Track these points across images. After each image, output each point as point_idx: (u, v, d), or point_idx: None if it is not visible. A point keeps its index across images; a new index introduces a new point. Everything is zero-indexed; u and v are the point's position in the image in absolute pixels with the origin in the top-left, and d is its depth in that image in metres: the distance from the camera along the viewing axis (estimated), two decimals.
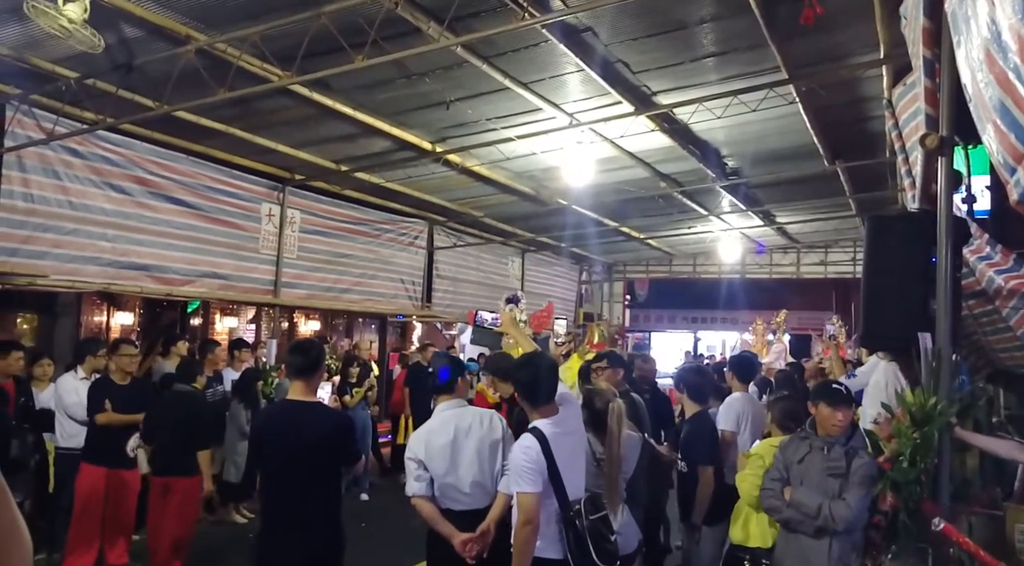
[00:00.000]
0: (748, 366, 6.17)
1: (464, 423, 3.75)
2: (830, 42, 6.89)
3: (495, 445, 3.75)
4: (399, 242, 13.35)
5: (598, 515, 3.48)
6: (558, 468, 3.36)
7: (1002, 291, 5.55)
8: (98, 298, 10.39)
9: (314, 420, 3.80)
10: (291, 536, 3.71)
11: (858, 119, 8.99)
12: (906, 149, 6.53)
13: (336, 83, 7.31)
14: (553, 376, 3.58)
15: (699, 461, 4.55)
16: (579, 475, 3.55)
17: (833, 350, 6.91)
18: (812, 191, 12.21)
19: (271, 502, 3.97)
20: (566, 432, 3.49)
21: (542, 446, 3.33)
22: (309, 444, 3.72)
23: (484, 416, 3.86)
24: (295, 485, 3.74)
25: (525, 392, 3.54)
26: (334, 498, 3.90)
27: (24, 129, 7.33)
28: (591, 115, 8.36)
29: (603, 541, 3.45)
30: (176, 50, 6.12)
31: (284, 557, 3.71)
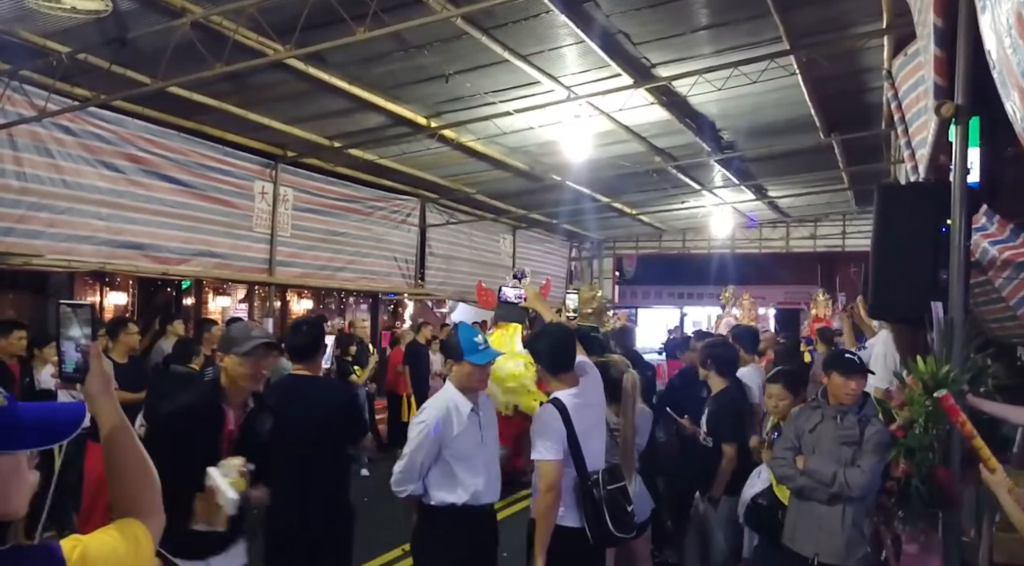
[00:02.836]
0: (753, 337, 6.23)
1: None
2: (833, 11, 6.87)
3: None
4: (392, 220, 13.28)
5: (616, 485, 3.54)
6: (577, 438, 3.44)
7: (996, 262, 5.61)
8: (91, 278, 10.29)
9: (322, 395, 3.85)
10: (299, 510, 3.70)
11: (855, 90, 9.00)
12: (906, 120, 6.53)
13: (332, 57, 7.21)
14: (571, 346, 3.65)
15: (725, 438, 4.58)
16: (599, 445, 3.61)
17: (845, 322, 6.93)
18: (805, 164, 12.24)
19: (280, 477, 3.98)
20: (586, 403, 3.55)
21: (562, 415, 3.41)
22: (317, 418, 3.73)
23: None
24: (303, 460, 3.74)
25: (545, 361, 3.63)
26: (342, 472, 3.97)
27: (15, 106, 7.17)
28: (589, 88, 8.30)
29: (620, 511, 3.51)
30: (171, 23, 6.00)
31: (293, 531, 3.72)
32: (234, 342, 3.01)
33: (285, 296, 13.84)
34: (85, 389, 1.63)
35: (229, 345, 3.02)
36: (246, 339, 3.00)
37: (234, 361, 2.99)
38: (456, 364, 3.48)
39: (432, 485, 3.41)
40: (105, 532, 1.41)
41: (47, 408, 1.47)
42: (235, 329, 3.14)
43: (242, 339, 3.00)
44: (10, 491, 1.31)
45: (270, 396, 4.38)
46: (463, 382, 3.48)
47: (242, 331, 3.09)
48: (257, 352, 3.00)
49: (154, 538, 1.50)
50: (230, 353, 2.99)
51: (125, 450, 1.58)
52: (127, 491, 1.56)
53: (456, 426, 3.39)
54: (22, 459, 1.34)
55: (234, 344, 3.00)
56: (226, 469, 2.78)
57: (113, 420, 1.59)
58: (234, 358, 2.99)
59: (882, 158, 11.37)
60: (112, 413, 1.61)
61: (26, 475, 1.34)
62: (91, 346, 1.68)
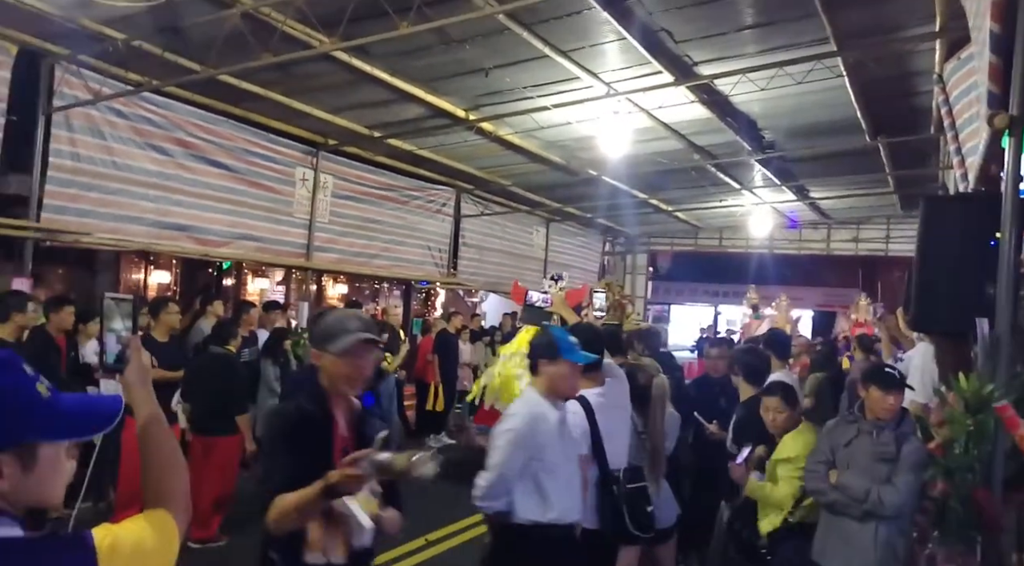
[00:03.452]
0: (784, 344, 6.13)
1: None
2: (883, 13, 6.73)
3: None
4: (427, 209, 13.35)
5: (636, 485, 3.62)
6: (600, 436, 3.50)
7: None
8: (137, 257, 10.52)
9: None
10: None
11: (904, 93, 8.80)
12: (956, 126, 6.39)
13: (375, 49, 7.26)
14: (600, 346, 3.70)
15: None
16: (621, 445, 3.66)
17: (883, 332, 6.81)
18: (849, 166, 12.01)
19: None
20: (611, 404, 3.60)
21: (587, 413, 3.46)
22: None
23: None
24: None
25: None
26: None
27: (72, 89, 7.40)
28: (629, 85, 8.25)
29: (639, 510, 3.59)
30: (222, 13, 6.11)
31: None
32: (328, 338, 2.49)
33: (321, 281, 14.01)
34: (124, 379, 1.68)
35: (323, 341, 2.51)
36: (342, 333, 2.47)
37: (331, 360, 2.48)
38: (549, 364, 3.24)
39: (518, 501, 3.13)
40: (134, 522, 1.45)
41: (87, 400, 1.51)
42: (329, 322, 2.58)
43: (337, 334, 2.48)
44: (50, 480, 1.35)
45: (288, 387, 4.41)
46: (554, 385, 3.24)
47: (337, 324, 2.53)
48: (355, 349, 2.47)
49: (181, 530, 1.54)
50: (325, 351, 2.50)
51: (158, 441, 1.63)
52: (158, 481, 1.60)
53: (545, 435, 3.16)
54: (62, 449, 1.38)
55: (328, 340, 2.49)
56: None
57: (148, 410, 1.65)
58: (330, 356, 2.48)
59: (930, 163, 11.14)
60: (148, 404, 1.66)
61: (64, 464, 1.39)
62: (132, 339, 1.73)
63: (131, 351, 1.71)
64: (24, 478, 1.30)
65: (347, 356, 2.47)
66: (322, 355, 2.51)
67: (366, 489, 2.28)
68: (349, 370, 2.49)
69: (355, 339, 2.46)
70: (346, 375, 2.49)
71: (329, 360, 2.49)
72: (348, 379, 2.50)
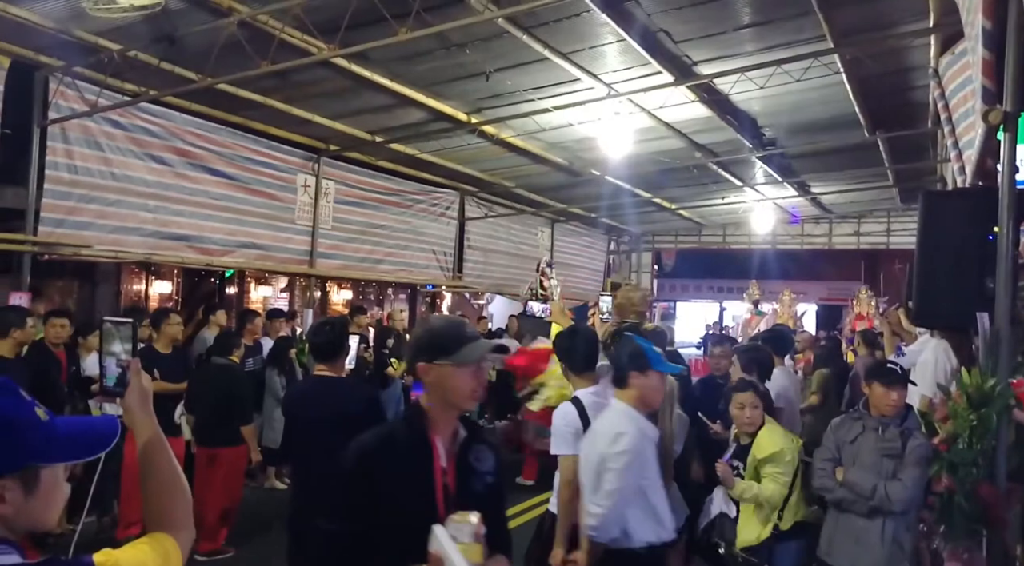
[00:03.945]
0: (783, 340, 6.11)
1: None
2: (877, 10, 6.74)
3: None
4: (431, 213, 13.35)
5: None
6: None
7: None
8: (137, 267, 10.53)
9: (340, 396, 3.79)
10: (316, 511, 3.73)
11: (901, 88, 8.81)
12: (952, 120, 6.38)
13: (374, 54, 7.27)
14: (593, 347, 3.78)
15: None
16: None
17: (885, 327, 6.78)
18: (849, 161, 12.03)
19: (299, 476, 4.06)
20: (605, 403, 3.56)
21: (579, 412, 3.51)
22: (334, 420, 3.69)
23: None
24: (321, 460, 3.71)
25: (566, 358, 3.80)
26: None
27: (67, 101, 7.40)
28: (630, 85, 8.26)
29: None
30: (218, 22, 6.12)
31: (310, 531, 3.74)
32: (445, 347, 2.11)
33: (325, 287, 14.02)
34: (124, 403, 1.69)
35: (437, 351, 2.12)
36: (461, 341, 2.12)
37: (450, 372, 2.10)
38: (640, 375, 3.13)
39: (634, 525, 3.03)
40: (135, 547, 1.45)
41: (84, 422, 1.52)
42: (441, 329, 2.20)
43: (455, 341, 2.12)
44: (51, 502, 1.36)
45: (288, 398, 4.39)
46: (645, 397, 3.15)
47: (453, 330, 2.18)
48: (481, 360, 2.15)
49: (183, 552, 1.54)
50: (437, 360, 2.11)
51: (159, 464, 1.63)
52: (159, 504, 1.60)
53: (649, 452, 3.07)
54: (60, 472, 1.39)
55: (443, 348, 2.11)
56: (456, 528, 1.89)
57: (148, 434, 1.65)
58: (445, 367, 2.10)
59: (928, 156, 11.15)
60: (148, 427, 1.66)
61: (63, 486, 1.40)
62: (132, 362, 1.74)
63: (131, 374, 1.71)
64: (26, 502, 1.30)
65: (471, 367, 2.13)
66: (432, 368, 2.12)
67: (469, 533, 1.91)
68: (473, 384, 2.13)
69: (484, 348, 2.17)
70: (470, 390, 2.13)
71: (446, 372, 2.10)
72: (470, 394, 2.14)
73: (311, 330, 4.20)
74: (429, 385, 2.15)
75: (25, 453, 1.30)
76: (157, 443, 1.64)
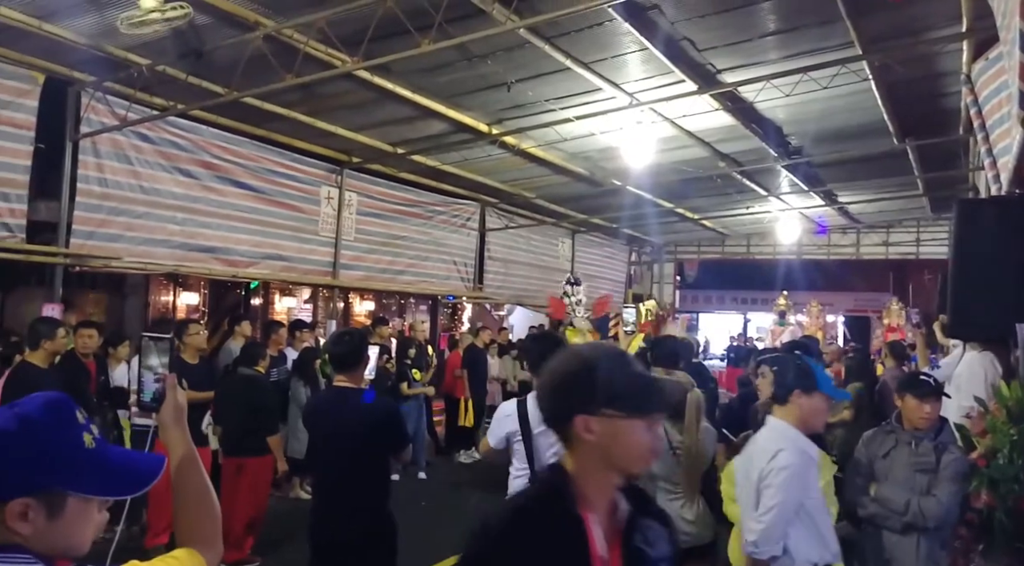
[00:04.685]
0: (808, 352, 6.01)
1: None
2: (907, 15, 6.63)
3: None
4: (452, 224, 13.38)
5: None
6: (531, 435, 3.68)
7: None
8: (165, 279, 10.65)
9: (357, 407, 3.76)
10: (337, 522, 3.73)
11: (932, 95, 8.68)
12: (986, 127, 6.27)
13: (396, 66, 7.29)
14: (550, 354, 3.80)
15: None
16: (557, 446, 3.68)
17: (919, 340, 6.64)
18: (878, 170, 11.85)
19: (319, 487, 4.07)
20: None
21: (519, 413, 3.71)
22: (352, 431, 3.71)
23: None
24: (340, 472, 3.77)
25: (531, 362, 4.07)
26: (380, 485, 3.86)
27: (98, 115, 7.52)
28: (652, 95, 8.21)
29: None
30: (244, 36, 6.18)
31: (332, 543, 3.75)
32: (613, 390, 1.57)
33: (348, 298, 14.08)
34: (159, 417, 1.70)
35: (600, 396, 1.57)
36: (637, 383, 1.62)
37: (616, 427, 1.56)
38: (803, 395, 3.05)
39: (796, 543, 2.96)
40: (163, 561, 1.43)
41: (130, 457, 1.45)
42: (607, 364, 1.61)
43: (630, 383, 1.60)
44: (76, 532, 1.31)
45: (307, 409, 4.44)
46: (807, 418, 3.06)
47: (623, 368, 1.63)
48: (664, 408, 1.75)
49: None
50: (605, 411, 1.56)
51: (191, 480, 1.63)
52: (190, 520, 1.60)
53: (812, 471, 3.01)
54: (94, 504, 1.34)
55: (615, 395, 1.57)
56: None
57: (182, 450, 1.65)
58: (616, 421, 1.55)
59: (960, 164, 10.98)
60: (182, 443, 1.67)
61: (95, 518, 1.35)
62: (168, 377, 1.76)
63: (168, 390, 1.72)
64: (48, 526, 1.26)
65: (648, 421, 1.59)
66: (595, 422, 1.55)
67: None
68: (649, 439, 1.59)
69: (671, 393, 1.76)
70: (647, 447, 1.59)
71: (617, 427, 1.55)
72: (646, 453, 1.60)
73: (330, 340, 4.20)
74: (584, 443, 1.57)
75: (52, 477, 1.26)
76: (190, 459, 1.65)
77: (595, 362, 1.61)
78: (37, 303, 7.47)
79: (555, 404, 1.66)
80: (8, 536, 1.23)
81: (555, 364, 1.68)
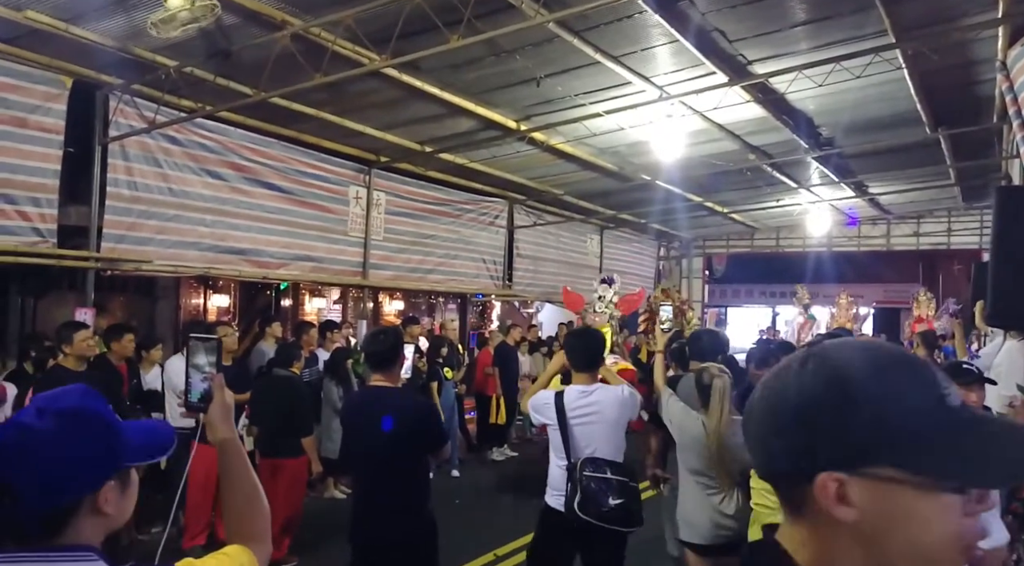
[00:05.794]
0: None
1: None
2: (943, 2, 6.50)
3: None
4: (480, 222, 13.36)
5: (595, 474, 3.85)
6: (567, 424, 3.94)
7: None
8: (196, 281, 10.74)
9: (393, 406, 3.74)
10: (379, 523, 3.70)
11: (965, 83, 8.49)
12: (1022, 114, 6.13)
13: (425, 63, 7.26)
14: (591, 350, 4.15)
15: None
16: (594, 439, 3.95)
17: (958, 330, 6.51)
18: (909, 160, 11.64)
19: (358, 488, 4.06)
20: (588, 401, 3.97)
21: (556, 404, 3.97)
22: (389, 432, 3.67)
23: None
24: (378, 472, 3.75)
25: (572, 357, 4.16)
26: (419, 484, 3.84)
27: (126, 118, 7.57)
28: (682, 87, 8.12)
29: (592, 497, 3.81)
30: (272, 35, 6.19)
31: (374, 544, 3.74)
32: (899, 432, 0.86)
33: (377, 298, 14.13)
34: (208, 417, 1.72)
35: (867, 444, 0.86)
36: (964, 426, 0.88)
37: (904, 499, 0.86)
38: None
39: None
40: (215, 558, 1.47)
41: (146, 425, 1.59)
42: (896, 385, 0.88)
43: (962, 438, 0.86)
44: (133, 500, 1.43)
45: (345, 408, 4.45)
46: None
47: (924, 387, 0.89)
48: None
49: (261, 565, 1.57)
50: (876, 468, 0.86)
51: (240, 476, 1.66)
52: (240, 517, 1.63)
53: None
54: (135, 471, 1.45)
55: (902, 442, 0.86)
56: None
57: (230, 448, 1.68)
58: (904, 490, 0.85)
59: (993, 153, 10.76)
60: (230, 441, 1.69)
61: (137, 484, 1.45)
62: (216, 377, 1.78)
63: (215, 389, 1.75)
64: (121, 502, 1.37)
65: (968, 498, 0.87)
66: (864, 486, 0.87)
67: None
68: (966, 534, 0.88)
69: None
70: (959, 549, 0.87)
71: (907, 501, 0.86)
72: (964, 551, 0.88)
73: (366, 339, 4.19)
74: (831, 521, 0.89)
75: (123, 454, 1.37)
76: (238, 457, 1.67)
77: (861, 378, 0.89)
78: (69, 308, 7.54)
79: (778, 449, 0.94)
80: (75, 537, 1.30)
81: (775, 381, 0.97)
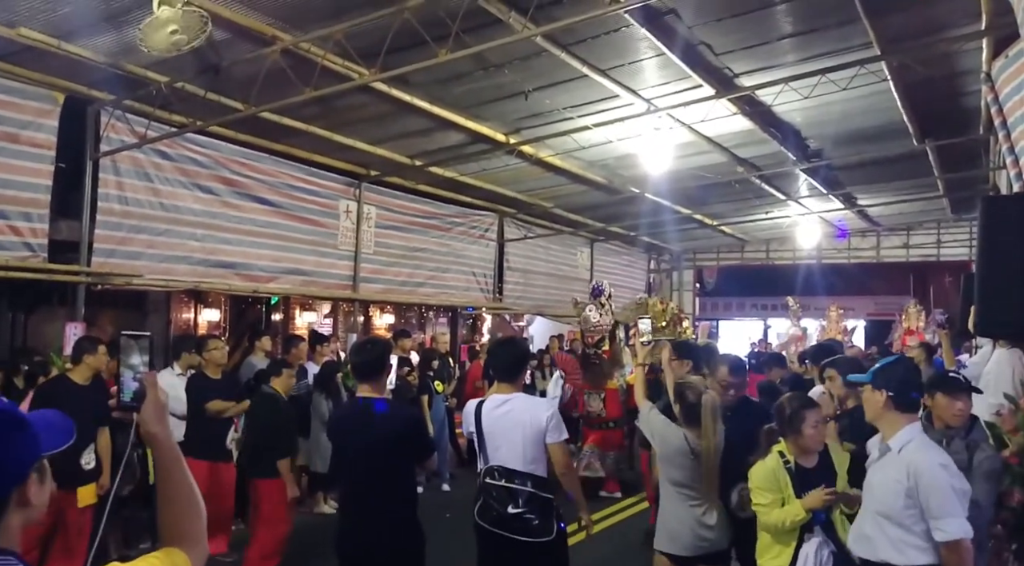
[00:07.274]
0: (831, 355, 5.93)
1: None
2: (926, 14, 6.59)
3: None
4: (470, 235, 13.39)
5: (496, 482, 3.88)
6: (483, 434, 3.98)
7: None
8: (186, 296, 10.72)
9: (380, 415, 3.76)
10: (366, 533, 3.71)
11: (951, 94, 8.60)
12: (1007, 125, 6.21)
13: (414, 78, 7.31)
14: (514, 359, 4.18)
15: None
16: (505, 448, 3.93)
17: (944, 340, 6.55)
18: (897, 171, 11.74)
19: (346, 499, 4.06)
20: (504, 410, 3.97)
21: (475, 412, 4.03)
22: (376, 442, 3.70)
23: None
24: (367, 483, 3.76)
25: (494, 366, 4.30)
26: (407, 495, 3.86)
27: (118, 133, 7.58)
28: (670, 100, 8.20)
29: (491, 505, 3.85)
30: (262, 51, 6.23)
31: (361, 555, 3.74)
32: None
33: (368, 311, 14.11)
34: (140, 416, 1.66)
35: None
36: None
37: None
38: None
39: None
40: (145, 561, 1.45)
41: (40, 414, 1.53)
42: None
43: None
44: (49, 489, 1.41)
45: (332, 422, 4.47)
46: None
47: None
48: None
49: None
50: None
51: (175, 478, 1.62)
52: (175, 519, 1.60)
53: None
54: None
55: None
56: None
57: (165, 448, 1.63)
58: None
59: (980, 164, 10.87)
60: (164, 441, 1.64)
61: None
62: (148, 374, 1.73)
63: (148, 388, 1.69)
64: (40, 494, 1.36)
65: None
66: None
67: None
68: None
69: None
70: None
71: None
72: None
73: (352, 350, 4.21)
74: None
75: (39, 445, 1.36)
76: (173, 457, 1.62)
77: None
78: (59, 322, 7.49)
79: None
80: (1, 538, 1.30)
81: None
